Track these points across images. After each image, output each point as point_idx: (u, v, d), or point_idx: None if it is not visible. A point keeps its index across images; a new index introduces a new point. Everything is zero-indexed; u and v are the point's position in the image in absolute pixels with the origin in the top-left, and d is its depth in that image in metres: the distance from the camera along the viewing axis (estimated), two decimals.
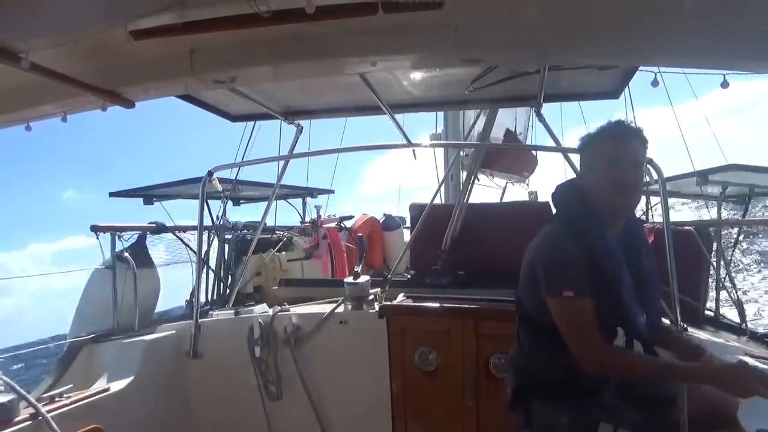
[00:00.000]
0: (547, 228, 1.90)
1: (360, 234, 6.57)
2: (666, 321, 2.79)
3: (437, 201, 4.59)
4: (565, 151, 3.41)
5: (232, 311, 3.45)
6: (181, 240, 4.81)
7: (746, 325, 3.98)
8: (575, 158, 3.34)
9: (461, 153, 5.58)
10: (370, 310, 3.15)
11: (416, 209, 4.05)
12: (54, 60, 1.86)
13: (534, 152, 7.19)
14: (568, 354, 1.72)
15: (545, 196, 7.64)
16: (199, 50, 2.04)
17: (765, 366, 2.21)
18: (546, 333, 1.80)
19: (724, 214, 5.14)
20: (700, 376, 1.68)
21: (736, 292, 4.48)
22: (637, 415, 1.88)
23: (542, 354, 1.91)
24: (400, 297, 3.36)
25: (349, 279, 3.30)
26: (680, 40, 1.76)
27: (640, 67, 3.08)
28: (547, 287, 1.76)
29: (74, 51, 1.81)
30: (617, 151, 1.81)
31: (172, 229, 4.65)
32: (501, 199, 7.66)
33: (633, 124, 1.90)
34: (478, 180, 5.87)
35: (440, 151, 6.65)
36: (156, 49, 1.94)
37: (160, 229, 4.51)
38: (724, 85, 2.31)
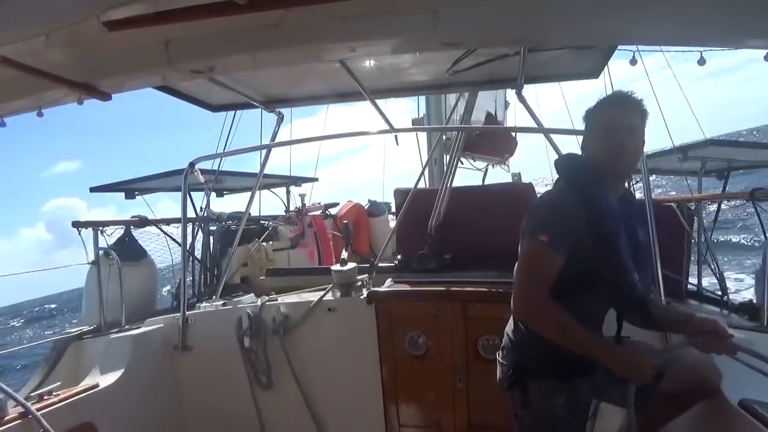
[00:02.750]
0: (547, 191, 1.96)
1: (345, 221, 6.55)
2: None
3: (422, 185, 4.60)
4: (546, 132, 3.43)
5: (220, 303, 3.44)
6: (165, 233, 4.78)
7: (727, 297, 4.07)
8: (557, 138, 3.38)
9: (443, 137, 5.58)
10: (359, 297, 3.16)
11: (401, 194, 4.05)
12: (27, 54, 1.82)
13: (513, 134, 7.24)
14: None
15: (528, 177, 7.70)
16: (175, 40, 2.01)
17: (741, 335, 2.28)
18: None
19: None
20: (605, 358, 1.71)
21: (717, 265, 4.57)
22: (625, 389, 1.91)
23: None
24: (388, 282, 3.37)
25: (336, 266, 3.30)
26: (657, 18, 1.77)
27: (619, 47, 3.09)
28: (526, 230, 1.79)
29: (47, 44, 1.77)
30: (614, 118, 1.84)
31: (156, 223, 4.62)
32: (483, 181, 7.69)
33: (633, 95, 1.90)
34: (462, 163, 5.89)
35: (423, 136, 6.65)
36: (131, 40, 1.90)
37: (143, 222, 4.48)
38: (701, 62, 2.33)
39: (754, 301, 3.68)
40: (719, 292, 4.23)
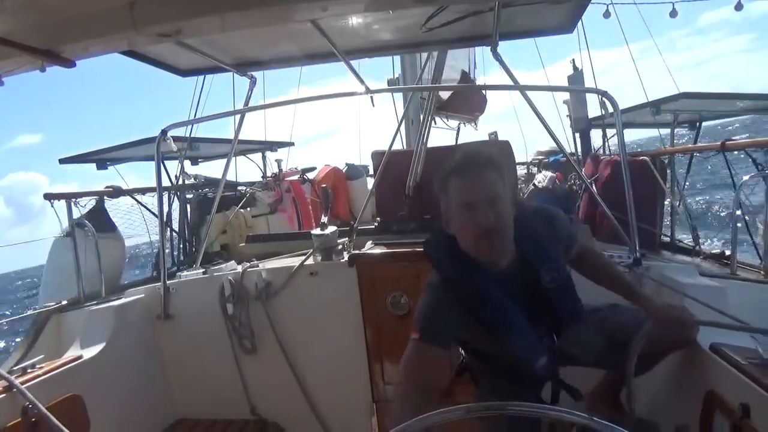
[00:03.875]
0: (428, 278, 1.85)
1: (324, 185, 6.53)
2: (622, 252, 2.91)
3: (399, 147, 4.58)
4: (522, 89, 3.42)
5: (201, 271, 3.43)
6: (140, 203, 4.71)
7: (699, 247, 4.20)
8: (533, 95, 3.38)
9: (419, 96, 5.53)
10: (340, 260, 3.18)
11: (378, 157, 4.03)
12: None
13: (484, 92, 7.25)
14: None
15: (502, 136, 7.72)
16: (139, 2, 1.93)
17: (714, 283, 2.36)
18: None
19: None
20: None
21: (690, 216, 4.69)
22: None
23: None
24: (369, 245, 3.39)
25: (317, 230, 3.30)
26: None
27: (593, 0, 3.08)
28: None
29: (3, 9, 1.69)
30: (463, 190, 1.67)
31: (130, 192, 4.54)
32: (456, 140, 7.69)
33: (482, 151, 1.74)
34: (434, 123, 5.86)
35: (399, 96, 6.58)
36: (93, 3, 1.83)
37: (117, 192, 4.40)
38: (673, 14, 2.33)
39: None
40: (692, 243, 4.36)
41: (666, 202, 4.68)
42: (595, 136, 7.33)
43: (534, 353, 1.69)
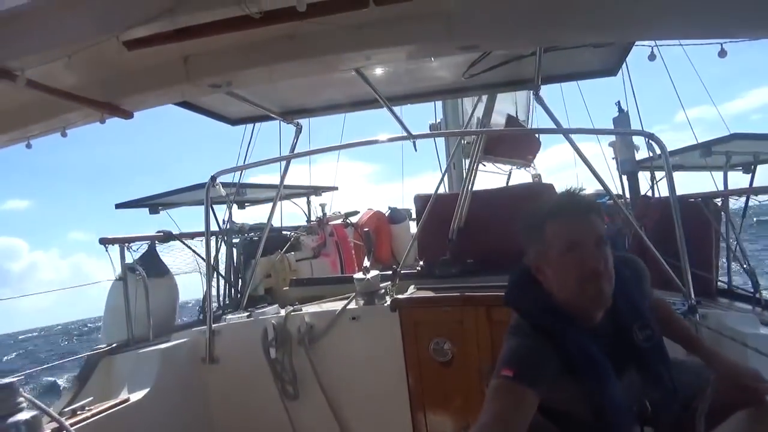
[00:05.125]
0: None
1: (366, 229, 6.56)
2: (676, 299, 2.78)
3: (441, 191, 4.58)
4: (565, 132, 3.39)
5: (245, 314, 3.46)
6: (189, 247, 4.83)
7: (760, 294, 3.96)
8: (576, 138, 3.35)
9: (463, 141, 5.56)
10: (382, 305, 3.15)
11: (421, 200, 4.04)
12: (50, 75, 1.86)
13: (537, 135, 7.18)
14: None
15: (549, 178, 7.64)
16: (192, 56, 2.04)
17: None
18: None
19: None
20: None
21: (748, 261, 4.45)
22: None
23: None
24: (411, 289, 3.36)
25: (359, 274, 3.30)
26: (675, 11, 1.74)
27: (637, 43, 3.05)
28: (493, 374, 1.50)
29: (69, 65, 1.81)
30: (571, 231, 1.53)
31: (180, 237, 4.67)
32: (507, 184, 7.64)
33: (584, 195, 1.62)
34: (484, 166, 5.86)
35: (441, 141, 6.63)
36: (150, 58, 1.94)
37: (168, 237, 4.52)
38: (722, 54, 2.29)
39: None
40: (751, 290, 4.12)
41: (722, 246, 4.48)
42: (643, 180, 7.17)
43: (627, 423, 1.55)
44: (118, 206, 5.64)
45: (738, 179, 5.12)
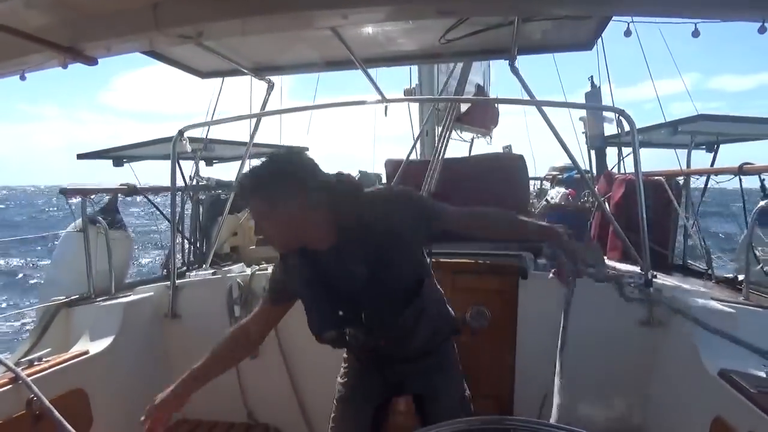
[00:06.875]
0: None
1: None
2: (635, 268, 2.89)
3: (413, 157, 4.58)
4: (539, 104, 3.41)
5: (210, 272, 3.44)
6: (152, 203, 4.75)
7: (712, 270, 4.14)
8: (548, 111, 3.37)
9: (437, 108, 5.55)
10: None
11: (392, 165, 4.04)
12: (8, 15, 1.77)
13: (496, 105, 7.31)
14: None
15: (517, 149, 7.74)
16: (163, 3, 1.95)
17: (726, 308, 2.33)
18: None
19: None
20: None
21: (703, 239, 4.63)
22: None
23: None
24: None
25: None
26: None
27: (614, 18, 3.07)
28: None
29: (29, 4, 1.72)
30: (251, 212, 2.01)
31: (144, 191, 4.57)
32: (470, 153, 7.70)
33: (258, 174, 1.77)
34: (458, 134, 5.90)
35: (414, 106, 6.60)
36: (117, 2, 1.85)
37: (131, 191, 4.43)
38: (695, 34, 2.32)
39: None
40: (705, 266, 4.30)
41: (679, 224, 4.64)
42: (611, 154, 7.32)
43: (323, 323, 2.04)
44: (80, 156, 5.47)
45: (700, 158, 5.27)
